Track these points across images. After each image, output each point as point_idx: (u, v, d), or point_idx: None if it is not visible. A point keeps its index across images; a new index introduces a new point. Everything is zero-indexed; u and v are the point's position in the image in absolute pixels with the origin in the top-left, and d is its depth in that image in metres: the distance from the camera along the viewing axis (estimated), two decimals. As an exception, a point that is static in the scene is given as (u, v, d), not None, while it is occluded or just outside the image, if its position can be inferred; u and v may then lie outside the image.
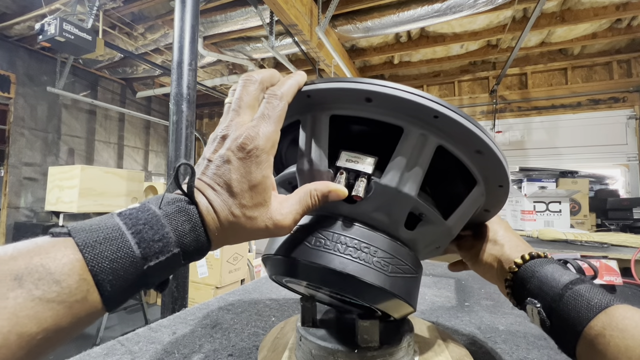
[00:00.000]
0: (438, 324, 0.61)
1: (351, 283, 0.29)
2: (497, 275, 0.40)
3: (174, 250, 0.23)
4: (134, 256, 0.21)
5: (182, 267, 0.25)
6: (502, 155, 0.30)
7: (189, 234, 0.24)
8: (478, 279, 0.94)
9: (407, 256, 0.32)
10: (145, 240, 0.22)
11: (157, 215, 0.23)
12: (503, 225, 0.44)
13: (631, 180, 3.89)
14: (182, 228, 0.23)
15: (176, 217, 0.23)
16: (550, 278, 0.33)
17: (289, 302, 0.71)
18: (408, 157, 0.29)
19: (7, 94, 3.82)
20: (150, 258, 0.22)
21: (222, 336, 0.53)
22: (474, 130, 0.28)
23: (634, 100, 3.88)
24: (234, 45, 3.75)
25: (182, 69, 1.51)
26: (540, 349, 0.50)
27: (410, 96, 0.27)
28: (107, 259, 0.20)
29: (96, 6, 2.78)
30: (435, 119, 0.28)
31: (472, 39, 3.62)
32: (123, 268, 0.21)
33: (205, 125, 6.59)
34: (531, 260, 0.37)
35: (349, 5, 2.99)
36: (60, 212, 2.59)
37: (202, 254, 0.25)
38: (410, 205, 0.31)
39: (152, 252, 0.22)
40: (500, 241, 0.41)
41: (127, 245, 0.21)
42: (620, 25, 3.44)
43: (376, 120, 0.30)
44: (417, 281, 0.34)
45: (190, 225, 0.24)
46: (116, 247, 0.21)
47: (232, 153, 0.25)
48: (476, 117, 4.56)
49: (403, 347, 0.36)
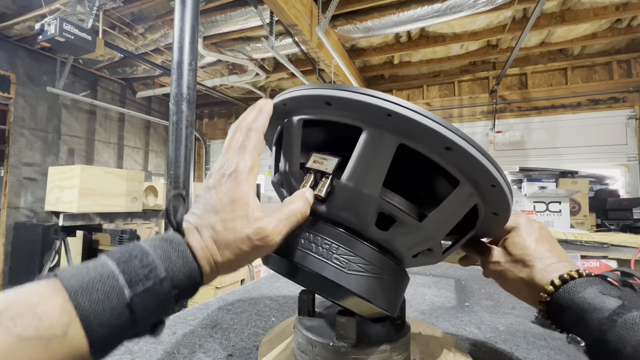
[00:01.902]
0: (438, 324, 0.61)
1: (311, 277, 0.31)
2: (531, 299, 0.36)
3: (161, 275, 0.22)
4: (118, 284, 0.21)
5: (175, 306, 0.24)
6: (477, 151, 0.28)
7: (176, 260, 0.24)
8: (478, 279, 0.94)
9: (374, 256, 0.32)
10: (129, 267, 0.22)
11: (141, 246, 0.23)
12: (535, 234, 0.38)
13: (631, 181, 3.89)
14: (168, 254, 0.24)
15: (161, 245, 0.24)
16: (592, 306, 0.28)
17: (288, 302, 0.71)
18: (366, 157, 0.30)
19: (7, 94, 3.82)
20: (135, 285, 0.21)
21: (222, 336, 0.53)
22: (431, 125, 0.27)
23: (634, 100, 3.88)
24: (234, 45, 3.75)
25: (182, 69, 1.51)
26: (540, 349, 0.50)
27: (361, 97, 0.28)
28: (89, 287, 0.20)
29: (96, 6, 2.78)
30: (389, 117, 0.28)
31: (472, 39, 3.62)
32: (106, 297, 0.20)
33: (205, 125, 6.59)
34: (564, 285, 0.31)
35: (349, 6, 2.99)
36: (60, 212, 2.59)
37: (195, 283, 0.25)
38: (373, 205, 0.31)
39: (137, 279, 0.21)
40: (529, 261, 0.35)
41: (110, 272, 0.21)
42: (620, 25, 3.45)
43: (340, 122, 0.31)
44: (386, 282, 0.33)
45: (176, 253, 0.24)
46: (99, 274, 0.21)
47: (216, 179, 0.28)
48: (476, 117, 4.57)
49: (382, 350, 0.36)
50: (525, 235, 0.38)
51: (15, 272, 3.67)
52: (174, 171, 1.50)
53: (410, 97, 4.97)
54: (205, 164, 6.49)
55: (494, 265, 0.39)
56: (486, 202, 0.33)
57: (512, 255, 0.37)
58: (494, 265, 0.39)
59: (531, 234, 0.38)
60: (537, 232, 0.38)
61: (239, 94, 5.64)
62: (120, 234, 2.77)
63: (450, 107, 4.69)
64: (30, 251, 3.58)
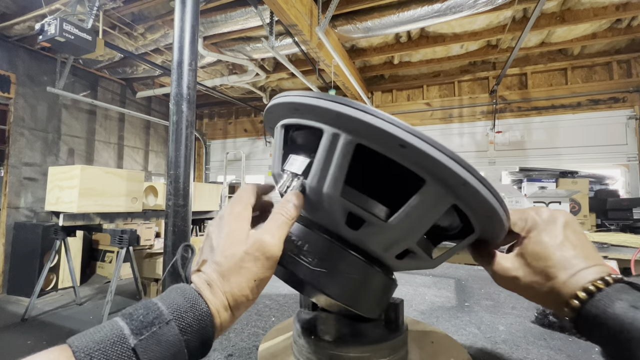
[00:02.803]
0: (438, 324, 0.61)
1: (286, 273, 0.34)
2: (558, 310, 0.31)
3: (166, 319, 0.23)
4: (122, 333, 0.22)
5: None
6: (431, 146, 0.27)
7: (183, 303, 0.25)
8: (478, 279, 0.94)
9: (342, 255, 0.33)
10: (134, 317, 0.23)
11: (152, 300, 0.25)
12: (558, 237, 0.32)
13: (631, 181, 3.89)
14: (175, 300, 0.25)
15: (169, 294, 0.25)
16: (624, 324, 0.25)
17: (288, 302, 0.71)
18: (325, 157, 0.31)
19: (7, 94, 3.82)
20: (140, 331, 0.22)
21: (222, 336, 0.53)
22: (378, 124, 0.27)
23: (633, 100, 3.88)
24: (234, 45, 3.75)
25: (182, 69, 1.51)
26: (540, 349, 0.51)
27: (317, 101, 0.30)
28: (96, 344, 0.21)
29: (96, 6, 2.78)
30: (338, 117, 0.29)
31: (472, 39, 3.62)
32: (110, 344, 0.21)
33: (205, 126, 6.59)
34: (591, 298, 0.28)
35: (349, 6, 2.99)
36: (60, 212, 2.59)
37: (206, 325, 0.25)
38: (337, 204, 0.31)
39: (142, 327, 0.22)
40: (552, 273, 0.31)
41: (117, 325, 0.22)
42: (620, 26, 3.45)
43: (310, 126, 0.33)
44: (355, 281, 0.33)
45: (183, 297, 0.25)
46: (107, 331, 0.22)
47: (212, 228, 0.32)
48: (476, 117, 4.57)
49: (363, 351, 0.36)
50: (547, 240, 0.32)
51: (15, 272, 3.68)
52: (174, 171, 1.50)
53: (410, 97, 4.97)
54: (205, 164, 6.49)
55: (510, 280, 0.34)
56: (466, 203, 0.31)
57: (531, 266, 0.32)
58: (510, 281, 0.34)
59: (554, 237, 0.32)
60: (560, 234, 0.32)
61: (239, 94, 5.64)
62: (121, 234, 2.77)
63: (450, 107, 4.69)
64: (30, 251, 3.58)
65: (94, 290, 3.79)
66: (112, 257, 4.23)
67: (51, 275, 3.61)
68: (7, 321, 2.93)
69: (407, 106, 4.94)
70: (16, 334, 2.66)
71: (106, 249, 4.28)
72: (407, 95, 5.00)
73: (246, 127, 6.22)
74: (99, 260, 4.34)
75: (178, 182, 1.50)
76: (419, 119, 4.85)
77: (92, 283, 4.08)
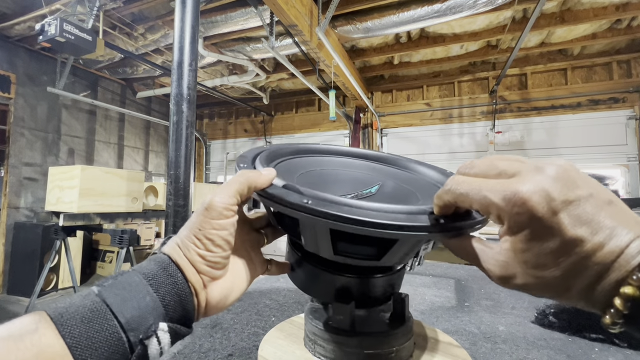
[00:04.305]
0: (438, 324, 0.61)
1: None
2: (591, 305, 0.22)
3: (129, 270, 0.25)
4: (90, 289, 0.24)
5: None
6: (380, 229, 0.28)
7: (147, 263, 0.27)
8: (478, 279, 0.94)
9: (289, 247, 0.40)
10: (102, 280, 0.25)
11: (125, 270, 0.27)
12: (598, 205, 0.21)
13: (631, 181, 3.89)
14: (142, 263, 0.27)
15: (141, 263, 0.28)
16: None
17: (288, 302, 0.71)
18: (310, 235, 0.35)
19: (7, 94, 3.82)
20: (103, 283, 0.24)
21: (222, 336, 0.53)
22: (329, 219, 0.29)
23: (633, 100, 3.88)
24: (234, 45, 3.75)
25: (182, 69, 1.51)
26: (540, 349, 0.51)
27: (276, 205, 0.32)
28: (65, 301, 0.23)
29: (96, 6, 2.78)
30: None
31: (472, 39, 3.63)
32: (79, 299, 0.23)
33: (206, 126, 6.59)
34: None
35: (349, 6, 2.99)
36: (61, 212, 2.59)
37: (170, 272, 0.27)
38: (332, 259, 0.36)
39: (106, 280, 0.24)
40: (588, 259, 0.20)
41: (88, 288, 0.24)
42: (620, 26, 3.45)
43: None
44: (307, 274, 0.39)
45: (147, 259, 0.28)
46: (78, 292, 0.24)
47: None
48: (476, 118, 4.57)
49: (374, 339, 0.37)
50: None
51: (15, 272, 3.67)
52: (174, 171, 1.50)
53: (410, 97, 4.97)
54: (206, 164, 6.49)
55: (509, 281, 0.24)
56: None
57: (530, 259, 0.22)
58: (509, 282, 0.24)
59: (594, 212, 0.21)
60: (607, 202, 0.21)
61: (239, 94, 5.64)
62: (121, 234, 2.77)
63: (450, 108, 4.69)
64: (30, 251, 3.58)
65: (94, 291, 3.79)
66: (112, 257, 4.23)
67: (51, 275, 3.60)
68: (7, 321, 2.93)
69: (407, 106, 4.94)
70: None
71: (106, 249, 4.28)
72: (407, 95, 5.00)
73: (246, 127, 6.22)
74: (99, 260, 4.34)
75: (178, 182, 1.50)
76: (419, 119, 4.85)
77: (92, 283, 4.08)
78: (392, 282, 0.39)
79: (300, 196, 0.30)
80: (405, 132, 4.97)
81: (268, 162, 0.39)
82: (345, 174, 0.50)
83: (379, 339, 0.37)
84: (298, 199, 0.29)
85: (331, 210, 0.28)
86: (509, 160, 0.25)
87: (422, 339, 0.46)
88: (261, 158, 0.40)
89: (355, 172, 0.51)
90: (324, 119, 5.42)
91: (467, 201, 0.25)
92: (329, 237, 0.31)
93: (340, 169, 0.51)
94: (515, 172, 0.23)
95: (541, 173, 0.22)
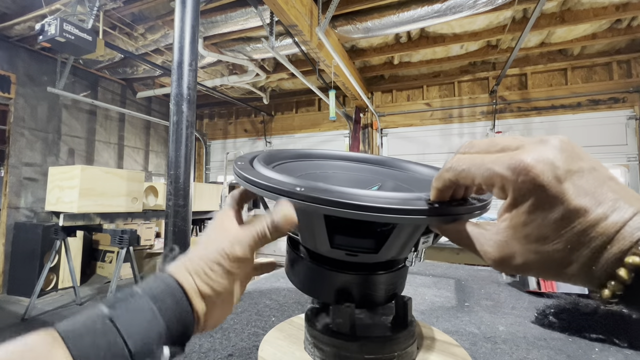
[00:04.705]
0: (438, 324, 0.61)
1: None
2: (589, 280, 0.21)
3: (138, 293, 0.26)
4: (100, 308, 0.25)
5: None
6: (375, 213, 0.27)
7: (153, 281, 0.28)
8: (478, 279, 0.94)
9: (288, 247, 0.41)
10: (109, 298, 0.26)
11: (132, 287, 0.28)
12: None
13: (631, 181, 3.89)
14: (147, 280, 0.28)
15: (146, 280, 0.28)
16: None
17: (288, 302, 0.71)
18: (305, 225, 0.35)
19: (7, 94, 3.82)
20: (113, 304, 0.25)
21: (222, 336, 0.53)
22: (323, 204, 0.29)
23: (633, 100, 3.88)
24: (234, 45, 3.75)
25: (182, 69, 1.51)
26: (540, 349, 0.51)
27: (265, 192, 0.32)
28: (75, 319, 0.24)
29: (96, 6, 2.78)
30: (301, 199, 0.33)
31: (472, 39, 3.63)
32: (88, 317, 0.24)
33: (206, 126, 6.59)
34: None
35: (349, 6, 2.99)
36: (61, 212, 2.59)
37: (175, 295, 0.27)
38: (330, 253, 0.37)
39: (116, 300, 0.25)
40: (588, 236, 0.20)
41: (96, 305, 0.25)
42: (620, 26, 3.45)
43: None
44: (306, 272, 0.39)
45: (154, 277, 0.28)
46: (87, 310, 0.25)
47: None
48: (476, 118, 4.57)
49: (376, 342, 0.36)
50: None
51: (15, 272, 3.68)
52: (174, 171, 1.50)
53: (410, 97, 4.97)
54: (206, 164, 6.49)
55: (507, 262, 0.23)
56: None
57: (530, 236, 0.22)
58: (507, 264, 0.23)
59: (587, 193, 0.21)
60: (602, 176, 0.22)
61: (239, 94, 5.64)
62: (121, 234, 2.77)
63: (450, 108, 4.69)
64: (30, 251, 3.58)
65: (94, 291, 3.79)
66: (112, 257, 4.23)
67: (51, 275, 3.61)
68: (7, 321, 2.93)
69: (407, 106, 4.94)
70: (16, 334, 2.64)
71: (106, 249, 4.28)
72: (407, 95, 5.00)
73: (246, 127, 6.22)
74: (99, 260, 4.34)
75: (178, 182, 1.50)
76: (419, 119, 4.85)
77: (92, 283, 4.08)
78: (393, 282, 0.38)
79: (292, 185, 0.30)
80: (405, 132, 4.97)
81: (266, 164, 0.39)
82: (345, 175, 0.50)
83: (380, 344, 0.36)
84: (290, 186, 0.29)
85: (324, 195, 0.27)
86: (510, 137, 0.26)
87: (422, 338, 0.46)
88: (259, 159, 0.40)
89: (355, 174, 0.51)
90: (324, 119, 5.42)
91: (470, 177, 0.24)
92: (324, 226, 0.31)
93: (339, 172, 0.51)
94: (518, 146, 0.24)
95: (545, 144, 0.23)
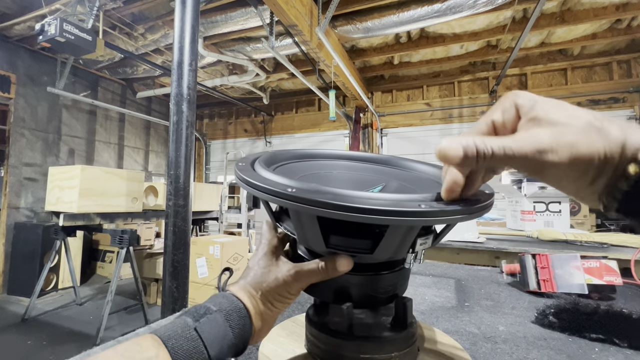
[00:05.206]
0: (438, 324, 0.61)
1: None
2: (586, 182, 0.23)
3: (214, 309, 0.32)
4: (186, 321, 0.31)
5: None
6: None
7: (222, 300, 0.34)
8: (478, 279, 0.94)
9: (288, 246, 0.42)
10: (191, 312, 0.33)
11: (199, 304, 0.34)
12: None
13: (631, 181, 3.89)
14: (217, 299, 0.34)
15: (213, 298, 0.35)
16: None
17: (289, 302, 0.71)
18: (299, 226, 0.37)
19: (7, 94, 3.82)
20: (197, 319, 0.31)
21: (222, 336, 0.53)
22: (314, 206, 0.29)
23: (633, 100, 3.88)
24: (234, 45, 3.75)
25: (182, 69, 1.51)
26: (540, 349, 0.51)
27: (256, 192, 0.33)
28: (168, 328, 0.30)
29: (96, 6, 2.78)
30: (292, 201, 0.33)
31: (472, 39, 3.63)
32: (181, 329, 0.30)
33: (206, 126, 6.59)
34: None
35: (349, 6, 2.99)
36: (61, 212, 2.59)
37: (241, 313, 0.33)
38: (326, 253, 0.38)
39: (199, 316, 0.32)
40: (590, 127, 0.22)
41: (182, 318, 0.32)
42: (620, 26, 3.45)
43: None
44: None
45: (222, 296, 0.35)
46: (175, 322, 0.31)
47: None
48: (476, 118, 4.57)
49: (376, 343, 0.36)
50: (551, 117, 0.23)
51: (15, 272, 3.67)
52: (174, 171, 1.50)
53: (410, 97, 4.98)
54: (206, 164, 6.49)
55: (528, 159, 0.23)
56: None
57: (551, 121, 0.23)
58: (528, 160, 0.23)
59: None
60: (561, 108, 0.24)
61: (239, 94, 5.64)
62: (121, 234, 2.76)
63: (450, 108, 4.69)
64: (30, 251, 3.58)
65: (94, 291, 3.79)
66: (112, 257, 4.23)
67: (51, 275, 3.61)
68: (7, 321, 2.93)
69: (407, 106, 4.94)
70: (16, 334, 2.66)
71: (106, 249, 4.28)
72: (407, 95, 5.00)
73: (246, 127, 6.22)
74: (99, 260, 4.34)
75: (178, 182, 1.50)
76: (419, 119, 4.85)
77: (92, 283, 4.08)
78: (392, 282, 0.38)
79: (284, 186, 0.30)
80: (405, 132, 4.97)
81: (268, 165, 0.39)
82: (349, 176, 0.50)
83: (377, 344, 0.36)
84: (282, 187, 0.29)
85: (314, 197, 0.27)
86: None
87: (422, 339, 0.46)
88: (261, 160, 0.39)
89: (359, 174, 0.50)
90: (324, 119, 5.42)
91: (475, 130, 0.28)
92: (318, 226, 0.31)
93: (344, 172, 0.50)
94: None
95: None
